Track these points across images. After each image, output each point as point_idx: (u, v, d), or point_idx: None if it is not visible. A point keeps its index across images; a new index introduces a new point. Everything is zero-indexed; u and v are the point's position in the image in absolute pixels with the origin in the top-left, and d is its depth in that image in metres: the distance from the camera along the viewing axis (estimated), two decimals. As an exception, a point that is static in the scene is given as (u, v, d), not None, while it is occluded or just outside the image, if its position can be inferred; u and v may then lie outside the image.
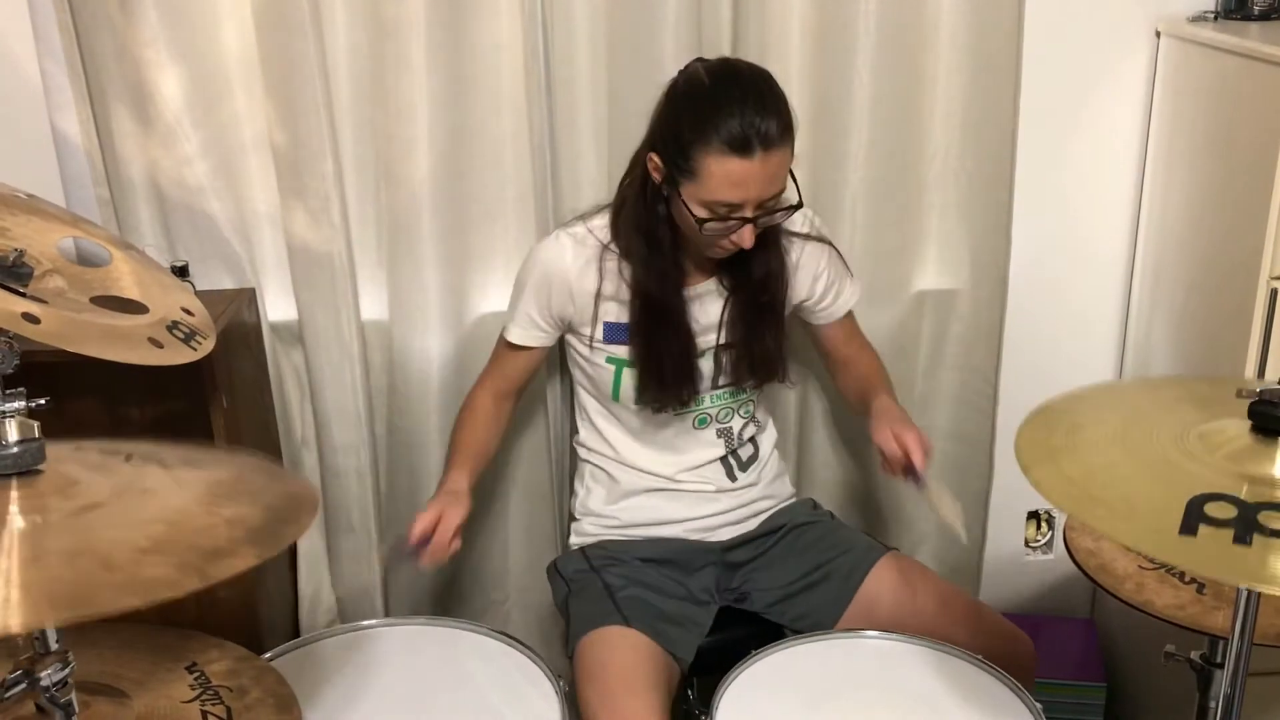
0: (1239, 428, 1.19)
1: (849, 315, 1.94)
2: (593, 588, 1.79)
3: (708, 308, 1.79)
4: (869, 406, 1.82)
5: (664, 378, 1.76)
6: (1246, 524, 1.05)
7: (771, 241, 1.75)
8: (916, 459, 1.68)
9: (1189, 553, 1.05)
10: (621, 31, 1.90)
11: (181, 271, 1.86)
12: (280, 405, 2.10)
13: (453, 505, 1.70)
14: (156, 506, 1.10)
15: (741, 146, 1.54)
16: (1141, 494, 1.14)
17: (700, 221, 1.62)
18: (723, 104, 1.57)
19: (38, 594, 0.94)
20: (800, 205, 1.68)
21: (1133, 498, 1.14)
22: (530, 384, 1.93)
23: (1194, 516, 1.07)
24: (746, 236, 1.62)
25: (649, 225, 1.70)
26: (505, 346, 1.86)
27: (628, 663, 1.65)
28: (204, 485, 1.16)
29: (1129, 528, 1.10)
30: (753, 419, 1.90)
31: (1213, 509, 1.07)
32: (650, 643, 1.68)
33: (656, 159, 1.64)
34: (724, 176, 1.57)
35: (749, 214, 1.61)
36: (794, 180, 1.66)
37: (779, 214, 1.65)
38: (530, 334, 1.83)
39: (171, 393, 1.75)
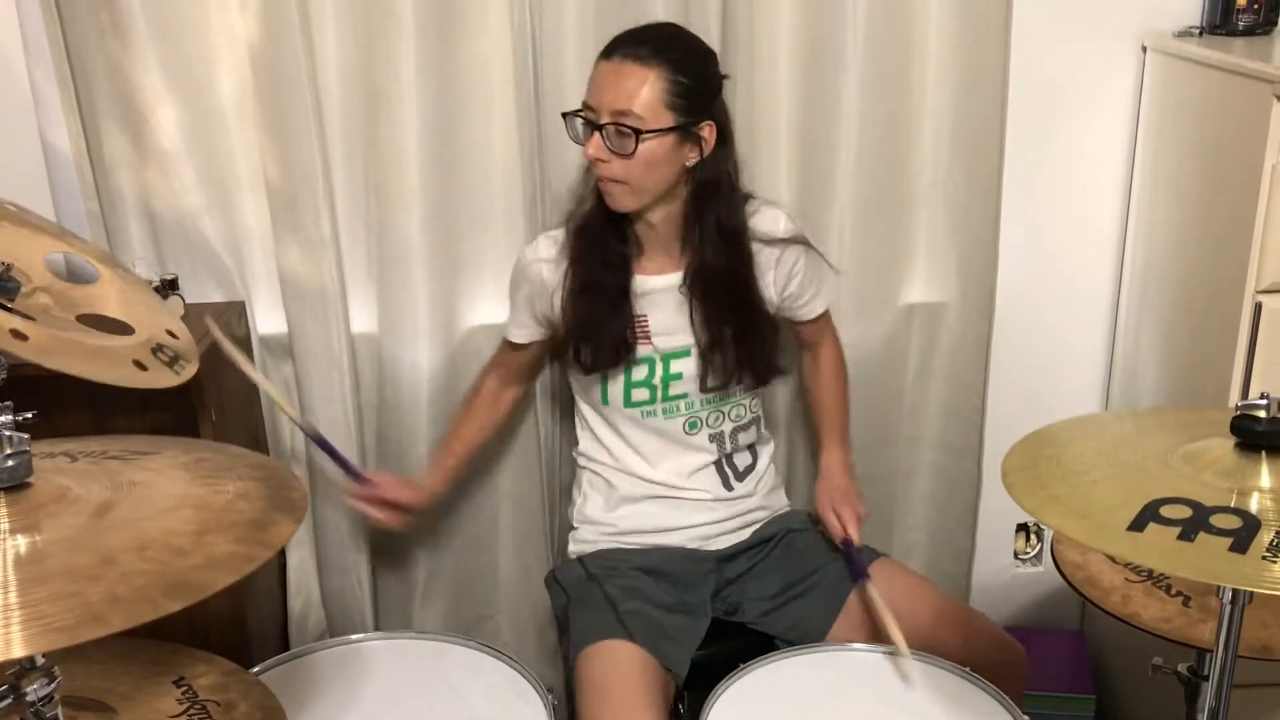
0: (1224, 446, 1.20)
1: (824, 313, 1.94)
2: (594, 598, 1.79)
3: (666, 301, 1.79)
4: (819, 453, 1.97)
5: (594, 328, 1.78)
6: (1195, 524, 1.08)
7: (725, 239, 1.75)
8: (851, 532, 1.81)
9: (1132, 546, 1.08)
10: (611, 46, 1.92)
11: (172, 284, 1.86)
12: (270, 418, 2.11)
13: (416, 491, 1.89)
14: (164, 495, 1.09)
15: (606, 50, 1.68)
16: (1103, 496, 1.17)
17: (564, 117, 1.74)
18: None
19: (148, 586, 0.93)
20: (641, 133, 1.64)
21: (1094, 500, 1.17)
22: (540, 371, 2.01)
23: (1147, 515, 1.10)
24: (591, 144, 1.68)
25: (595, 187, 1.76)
26: (507, 345, 1.92)
27: (631, 679, 1.65)
28: (181, 469, 1.16)
29: (1080, 525, 1.13)
30: (750, 425, 1.91)
31: (1168, 510, 1.11)
32: (651, 658, 1.69)
33: None
34: (591, 76, 1.70)
35: (599, 119, 1.66)
36: (685, 129, 1.67)
37: (623, 130, 1.64)
38: (525, 332, 1.89)
39: (160, 405, 1.75)
